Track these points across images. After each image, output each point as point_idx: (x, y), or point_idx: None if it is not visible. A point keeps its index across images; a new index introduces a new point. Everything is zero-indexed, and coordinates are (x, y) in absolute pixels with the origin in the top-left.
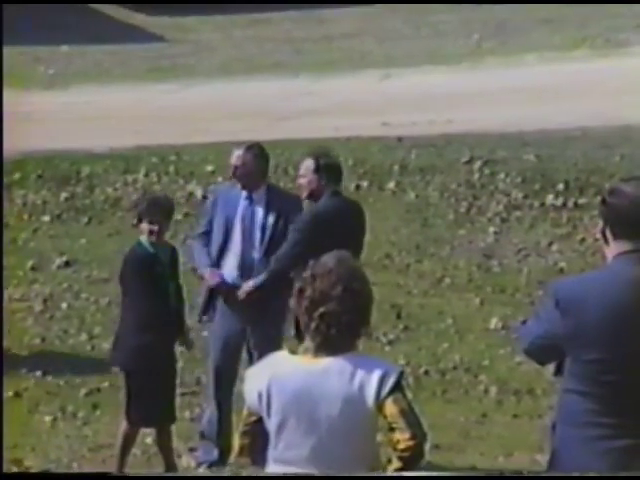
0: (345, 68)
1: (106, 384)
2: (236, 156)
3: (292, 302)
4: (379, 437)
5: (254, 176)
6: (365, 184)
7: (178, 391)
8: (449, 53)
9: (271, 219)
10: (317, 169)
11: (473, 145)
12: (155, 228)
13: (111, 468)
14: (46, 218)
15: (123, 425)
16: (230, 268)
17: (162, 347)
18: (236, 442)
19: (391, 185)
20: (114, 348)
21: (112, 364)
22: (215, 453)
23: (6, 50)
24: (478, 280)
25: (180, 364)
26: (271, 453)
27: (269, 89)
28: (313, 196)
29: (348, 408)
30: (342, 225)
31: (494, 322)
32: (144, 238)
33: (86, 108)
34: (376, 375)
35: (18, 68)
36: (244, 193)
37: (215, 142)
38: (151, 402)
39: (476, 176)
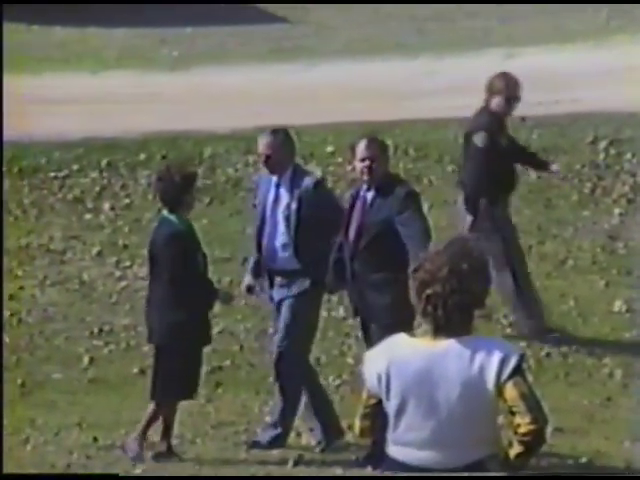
0: (467, 48)
1: (228, 362)
2: (264, 144)
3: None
4: (500, 420)
5: (283, 161)
6: None
7: None
8: (575, 30)
9: (294, 204)
10: (376, 150)
11: (598, 125)
12: (188, 201)
13: (233, 444)
14: None
15: (153, 405)
16: (263, 253)
17: (197, 323)
18: (357, 424)
19: None
20: (150, 325)
21: (149, 342)
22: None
23: (131, 31)
24: (603, 262)
25: None
26: (391, 435)
27: (390, 69)
28: (372, 178)
29: (468, 391)
30: None
31: (619, 305)
32: (169, 214)
33: (209, 89)
34: (496, 358)
35: (143, 50)
36: (274, 178)
37: (335, 123)
38: (178, 379)
39: (601, 156)
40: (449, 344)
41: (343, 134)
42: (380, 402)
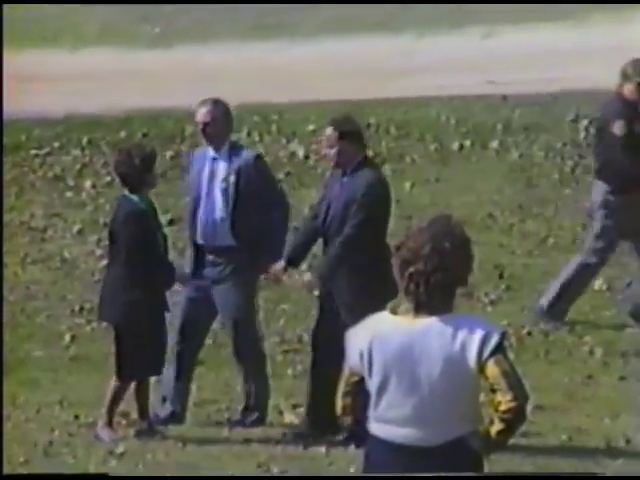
0: (448, 26)
1: (210, 341)
2: (204, 112)
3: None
4: (481, 398)
5: (222, 132)
6: (468, 143)
7: (280, 348)
8: (556, 9)
9: (232, 177)
10: (341, 137)
11: (579, 103)
12: (148, 179)
13: (216, 423)
14: None
15: (113, 380)
16: (198, 229)
17: (153, 301)
18: (339, 402)
19: (494, 144)
20: (102, 302)
21: (100, 318)
22: None
23: (112, 8)
24: (583, 240)
25: (282, 322)
26: (372, 412)
27: (372, 48)
28: (341, 164)
29: (449, 368)
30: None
31: (599, 283)
32: (128, 193)
33: (190, 66)
34: (478, 336)
35: (124, 26)
36: (211, 152)
37: (317, 101)
38: (140, 357)
39: (582, 135)
40: (431, 322)
41: (325, 113)
42: (362, 380)
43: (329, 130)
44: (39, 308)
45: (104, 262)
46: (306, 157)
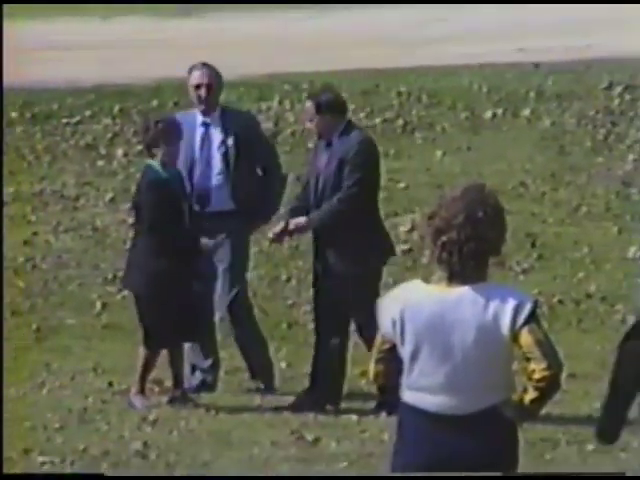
0: None
1: None
2: (202, 74)
3: (421, 231)
4: (514, 366)
5: (218, 95)
6: (500, 111)
7: (311, 316)
8: None
9: (230, 141)
10: (319, 109)
11: (613, 70)
12: (172, 150)
13: (247, 390)
14: None
15: (142, 348)
16: (193, 196)
17: (176, 270)
18: (371, 369)
19: (526, 112)
20: (127, 271)
21: (124, 287)
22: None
23: None
24: (616, 208)
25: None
26: (405, 380)
27: (404, 16)
28: (323, 135)
29: (482, 337)
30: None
31: (633, 251)
32: (155, 162)
33: (220, 35)
34: (511, 304)
35: None
36: (199, 118)
37: (347, 69)
38: (165, 326)
39: (616, 102)
40: (463, 291)
41: (354, 82)
42: (394, 347)
43: (308, 103)
44: (71, 276)
45: None
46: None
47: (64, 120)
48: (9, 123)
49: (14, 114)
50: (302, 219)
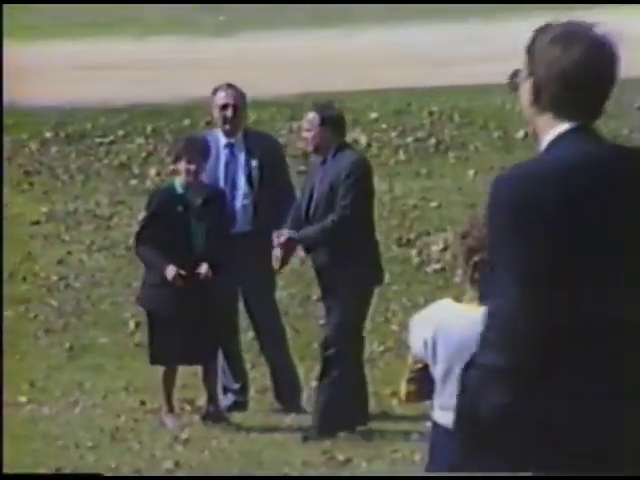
0: (515, 11)
1: None
2: (225, 95)
3: (454, 250)
4: None
5: (242, 116)
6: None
7: None
8: None
9: (254, 162)
10: (322, 122)
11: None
12: (192, 168)
13: (279, 410)
14: None
15: (159, 368)
16: None
17: (178, 286)
18: (402, 389)
19: None
20: (141, 287)
21: (139, 304)
22: None
23: None
24: None
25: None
26: (437, 400)
27: (436, 34)
28: (319, 150)
29: None
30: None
31: None
32: (179, 179)
33: (253, 55)
34: None
35: (188, 15)
36: (223, 139)
37: (379, 89)
38: (169, 342)
39: None
40: None
41: (387, 101)
42: (426, 366)
43: (311, 114)
44: (104, 295)
45: None
46: (368, 145)
47: (98, 140)
48: (43, 143)
49: (48, 134)
50: (291, 233)
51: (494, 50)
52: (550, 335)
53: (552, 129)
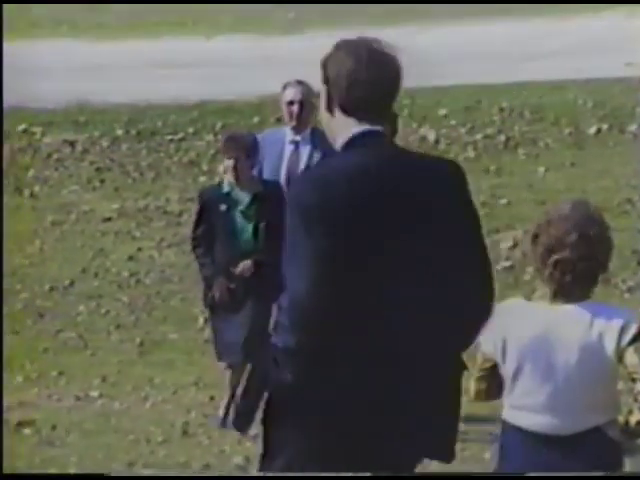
0: (587, 7)
1: None
2: (294, 91)
3: (526, 248)
4: (620, 386)
5: (309, 113)
6: (605, 127)
7: None
8: None
9: (317, 160)
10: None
11: None
12: (231, 164)
13: None
14: None
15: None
16: None
17: (225, 284)
18: (471, 387)
19: (633, 128)
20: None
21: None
22: None
23: None
24: None
25: None
26: (507, 399)
27: (506, 30)
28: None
29: (586, 356)
30: None
31: None
32: (226, 177)
33: (323, 52)
34: (616, 324)
35: (258, 13)
36: (289, 136)
37: (449, 85)
38: (222, 339)
39: None
40: (568, 309)
41: (456, 97)
42: (495, 365)
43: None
44: (174, 291)
45: None
46: (436, 142)
47: (168, 137)
48: (114, 140)
49: (120, 131)
50: None
51: (565, 46)
52: (339, 320)
53: (344, 132)
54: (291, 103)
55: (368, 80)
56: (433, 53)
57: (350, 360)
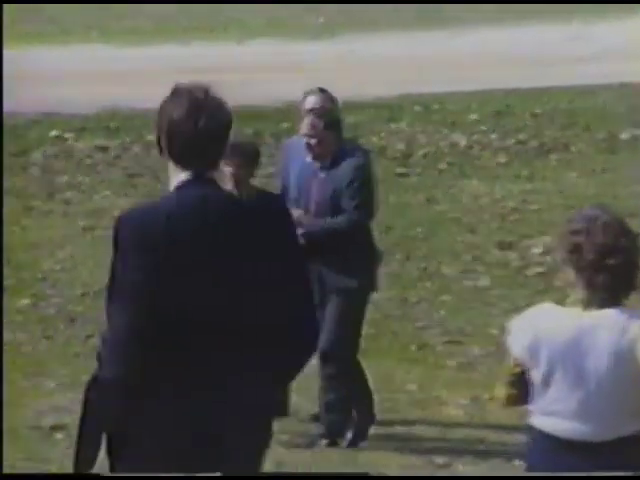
0: (619, 12)
1: (372, 330)
2: (314, 99)
3: (562, 255)
4: None
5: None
6: (638, 132)
7: (441, 339)
8: None
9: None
10: (326, 127)
11: None
12: (230, 172)
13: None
14: None
15: None
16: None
17: None
18: (502, 393)
19: None
20: None
21: None
22: None
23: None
24: None
25: (442, 312)
26: (536, 405)
27: (537, 35)
28: (322, 155)
29: (618, 363)
30: None
31: None
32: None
33: (353, 57)
34: None
35: (288, 18)
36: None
37: (480, 90)
38: None
39: None
40: (600, 315)
41: (487, 102)
42: (525, 371)
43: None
44: None
45: None
46: (470, 147)
47: None
48: (146, 146)
49: (151, 137)
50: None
51: (596, 51)
52: (156, 351)
53: (174, 177)
54: (309, 112)
55: (192, 130)
56: (463, 58)
57: (170, 391)
